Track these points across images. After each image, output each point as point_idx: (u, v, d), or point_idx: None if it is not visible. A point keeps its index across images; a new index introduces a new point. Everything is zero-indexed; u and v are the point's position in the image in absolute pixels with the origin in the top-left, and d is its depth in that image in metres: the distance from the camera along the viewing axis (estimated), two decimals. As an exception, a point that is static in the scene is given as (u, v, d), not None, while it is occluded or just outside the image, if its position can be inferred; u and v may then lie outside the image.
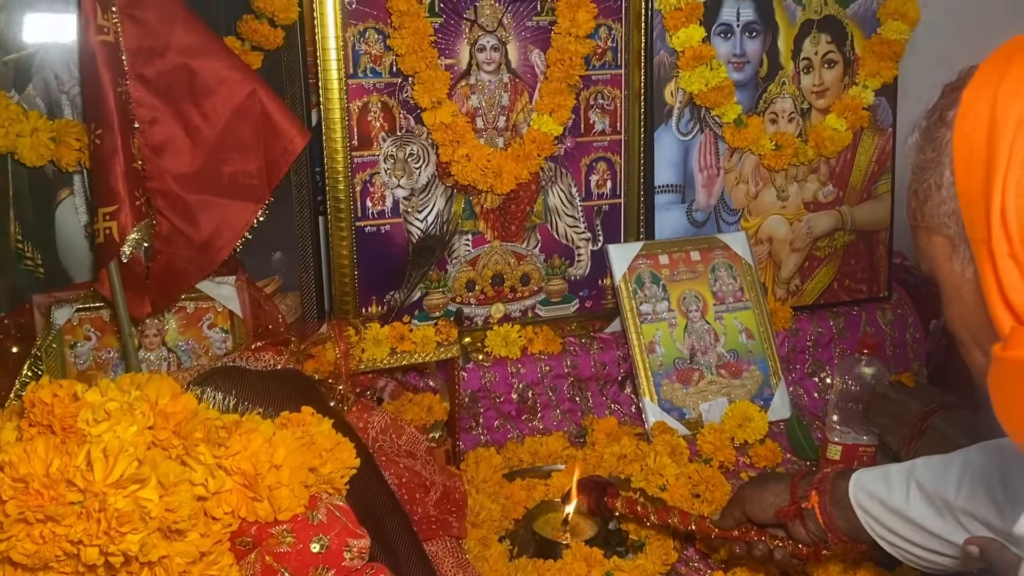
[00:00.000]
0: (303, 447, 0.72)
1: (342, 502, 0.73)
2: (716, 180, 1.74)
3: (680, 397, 1.64)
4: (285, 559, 0.68)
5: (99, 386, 0.68)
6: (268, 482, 0.68)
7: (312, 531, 0.69)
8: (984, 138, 0.62)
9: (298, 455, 0.71)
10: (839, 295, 1.87)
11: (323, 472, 0.73)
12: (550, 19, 1.56)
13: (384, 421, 1.11)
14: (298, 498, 0.70)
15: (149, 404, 0.67)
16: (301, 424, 0.76)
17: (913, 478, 0.99)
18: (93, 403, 0.64)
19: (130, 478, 0.60)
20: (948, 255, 0.69)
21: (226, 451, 0.68)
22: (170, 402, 0.68)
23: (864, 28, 1.77)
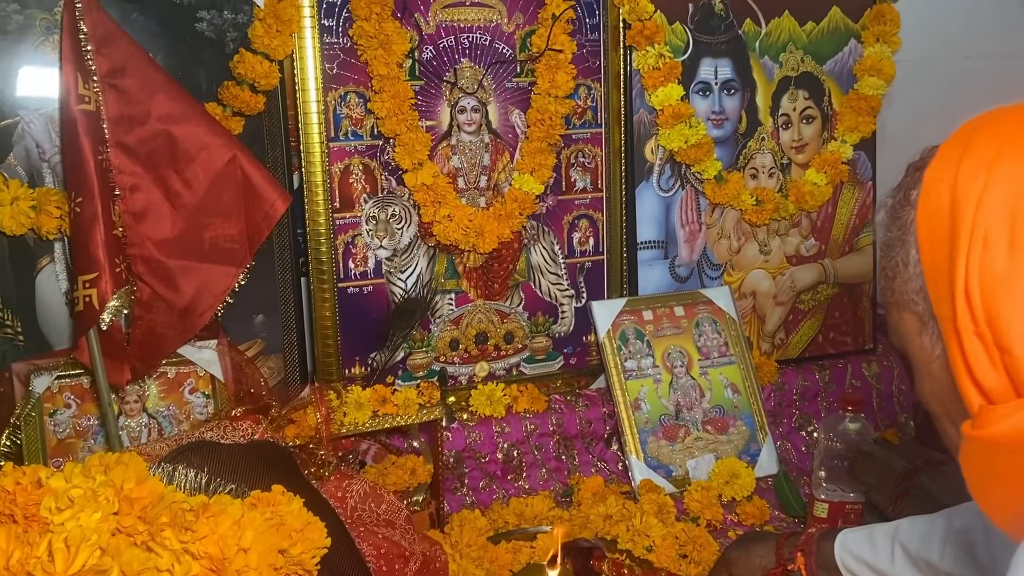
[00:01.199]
0: (272, 528, 0.71)
1: None
2: (698, 235, 1.75)
3: (666, 454, 1.63)
4: None
5: (64, 472, 0.67)
6: (236, 566, 0.67)
7: None
8: (946, 218, 0.63)
9: (267, 537, 0.70)
10: (824, 348, 1.87)
11: (293, 553, 0.72)
12: (530, 80, 1.58)
13: (364, 489, 1.09)
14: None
15: (114, 490, 0.66)
16: (271, 504, 0.75)
17: (898, 540, 0.99)
18: (56, 490, 0.63)
19: (92, 569, 0.59)
20: (918, 331, 0.69)
21: (193, 535, 0.67)
22: (135, 487, 0.67)
23: (841, 84, 1.80)
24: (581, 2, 1.60)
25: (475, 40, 1.55)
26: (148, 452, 1.05)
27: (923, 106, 1.94)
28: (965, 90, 1.99)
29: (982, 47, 1.97)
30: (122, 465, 0.69)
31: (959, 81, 1.98)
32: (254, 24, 1.40)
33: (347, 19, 1.46)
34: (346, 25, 1.46)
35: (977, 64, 1.99)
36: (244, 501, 0.75)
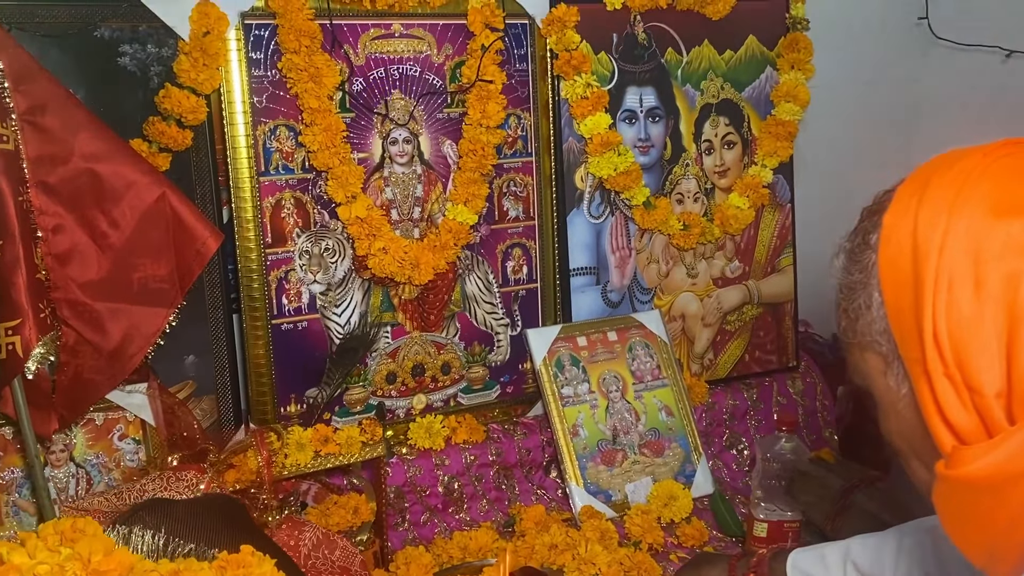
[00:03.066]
0: None
1: None
2: (628, 261, 1.77)
3: (605, 479, 1.64)
4: None
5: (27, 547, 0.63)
6: None
7: None
8: (909, 262, 0.65)
9: None
10: (751, 367, 1.92)
11: None
12: (461, 111, 1.58)
13: (316, 537, 1.07)
14: None
15: (81, 563, 0.63)
16: (242, 566, 0.73)
17: (849, 559, 1.01)
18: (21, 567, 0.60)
19: None
20: (882, 371, 0.71)
21: None
22: (103, 559, 0.64)
23: (759, 110, 1.85)
24: (509, 33, 1.61)
25: (405, 72, 1.54)
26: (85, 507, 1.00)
27: (835, 130, 2.02)
28: (871, 114, 2.09)
29: (886, 73, 2.06)
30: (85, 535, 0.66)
31: (865, 106, 2.07)
32: (179, 58, 1.36)
33: (275, 52, 1.43)
34: (274, 58, 1.44)
35: (882, 89, 2.08)
36: (213, 564, 0.72)
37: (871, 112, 2.04)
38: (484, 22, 1.56)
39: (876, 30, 1.99)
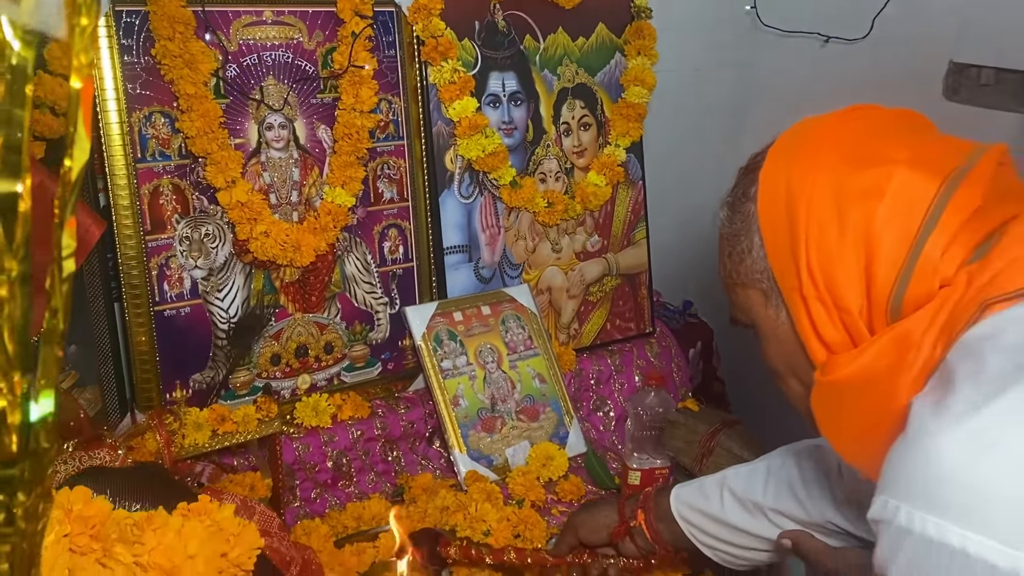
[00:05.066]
0: (212, 535, 0.73)
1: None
2: (498, 238, 1.87)
3: (487, 445, 1.74)
4: None
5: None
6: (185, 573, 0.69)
7: None
8: (784, 209, 0.77)
9: (210, 544, 0.71)
10: (612, 334, 2.06)
11: (233, 556, 0.74)
12: (334, 96, 1.62)
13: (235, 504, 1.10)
14: None
15: (64, 511, 0.65)
16: (204, 512, 0.76)
17: (726, 487, 1.15)
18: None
19: None
20: (763, 304, 0.84)
21: (142, 548, 0.68)
22: (84, 507, 0.67)
23: (611, 93, 1.98)
24: (377, 20, 1.66)
25: (278, 58, 1.57)
26: None
27: (678, 112, 2.18)
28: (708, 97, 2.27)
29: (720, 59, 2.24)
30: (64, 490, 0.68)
31: (703, 89, 2.25)
32: (50, 45, 1.34)
33: (148, 39, 1.43)
34: (147, 45, 1.43)
35: (717, 74, 2.26)
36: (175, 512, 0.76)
37: (708, 95, 2.21)
38: (353, 9, 1.61)
39: (711, 19, 2.16)
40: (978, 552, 0.58)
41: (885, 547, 0.64)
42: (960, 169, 0.74)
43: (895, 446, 0.65)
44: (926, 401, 0.66)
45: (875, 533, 0.65)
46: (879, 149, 0.76)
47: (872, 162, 0.75)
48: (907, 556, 0.62)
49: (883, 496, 0.65)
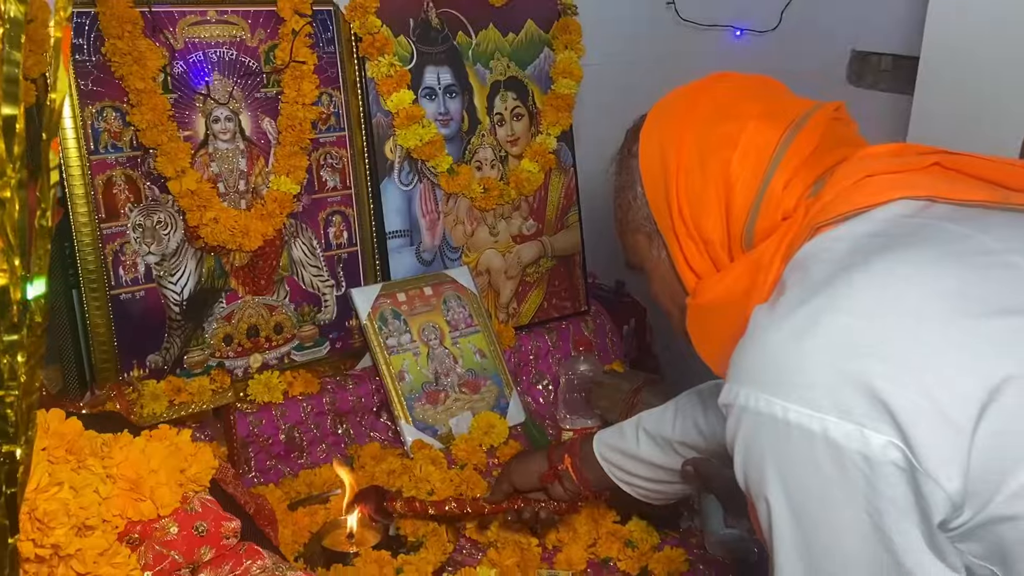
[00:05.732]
0: (172, 453, 0.83)
1: (209, 496, 0.85)
2: (437, 223, 1.98)
3: (432, 416, 1.85)
4: (173, 545, 0.79)
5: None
6: (150, 484, 0.78)
7: (192, 519, 0.81)
8: (659, 161, 0.91)
9: (170, 460, 0.81)
10: (549, 313, 2.18)
11: (191, 473, 0.84)
12: (277, 90, 1.73)
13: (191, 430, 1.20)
14: (175, 495, 0.81)
15: (42, 429, 0.75)
16: (165, 437, 0.86)
17: (640, 427, 1.27)
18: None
19: (49, 483, 0.69)
20: (648, 246, 0.97)
21: (111, 461, 0.78)
22: (60, 424, 0.76)
23: (541, 85, 2.11)
24: (316, 18, 1.77)
25: (223, 55, 1.67)
26: None
27: (605, 102, 2.31)
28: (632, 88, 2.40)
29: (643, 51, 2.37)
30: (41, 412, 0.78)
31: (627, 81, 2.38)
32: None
33: (98, 38, 1.53)
34: (97, 44, 1.53)
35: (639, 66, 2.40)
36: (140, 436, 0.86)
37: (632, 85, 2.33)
38: (293, 8, 1.71)
39: (633, 15, 2.30)
40: (796, 419, 0.71)
41: (730, 426, 0.77)
42: (799, 120, 0.88)
43: (738, 344, 0.78)
44: (763, 306, 0.78)
45: (725, 417, 0.78)
46: (734, 107, 0.90)
47: (728, 118, 0.88)
48: (745, 430, 0.75)
49: (727, 384, 0.77)
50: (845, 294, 0.73)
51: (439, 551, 1.45)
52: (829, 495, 0.71)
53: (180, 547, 0.79)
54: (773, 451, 0.73)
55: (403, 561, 1.41)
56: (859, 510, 0.70)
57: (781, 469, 0.73)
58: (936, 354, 0.69)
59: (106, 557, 0.71)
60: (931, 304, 0.71)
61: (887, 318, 0.71)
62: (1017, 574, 0.70)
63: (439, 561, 1.44)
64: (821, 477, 0.71)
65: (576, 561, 1.44)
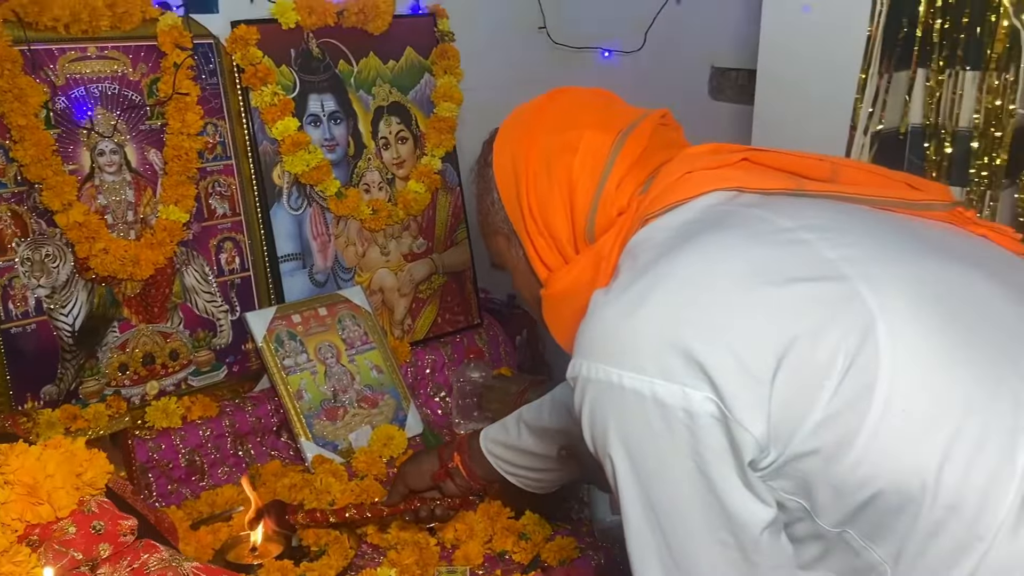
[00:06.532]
0: (67, 459, 0.87)
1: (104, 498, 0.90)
2: (329, 245, 2.05)
3: (331, 432, 1.90)
4: (72, 544, 0.83)
5: None
6: (47, 488, 0.83)
7: (89, 519, 0.85)
8: (511, 169, 1.01)
9: (66, 465, 0.86)
10: (443, 327, 2.26)
11: (86, 477, 0.89)
12: (162, 122, 1.78)
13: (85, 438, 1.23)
14: (72, 498, 0.85)
15: None
16: (60, 445, 0.91)
17: (521, 419, 1.37)
18: None
19: None
20: (507, 247, 1.07)
21: (8, 468, 0.82)
22: None
23: (423, 109, 2.20)
24: (198, 51, 1.82)
25: (105, 89, 1.71)
26: None
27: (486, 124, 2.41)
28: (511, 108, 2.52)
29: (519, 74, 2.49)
30: None
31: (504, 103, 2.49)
32: None
33: (-23, 76, 1.55)
34: (-24, 81, 1.55)
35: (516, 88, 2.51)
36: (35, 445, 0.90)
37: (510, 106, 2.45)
38: (173, 42, 1.77)
39: (509, 40, 2.42)
40: (629, 384, 0.81)
41: (576, 397, 0.87)
42: (628, 128, 0.99)
43: (581, 323, 0.88)
44: (600, 290, 0.89)
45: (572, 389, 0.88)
46: (573, 118, 1.01)
47: (568, 127, 1.00)
48: (588, 397, 0.85)
49: (572, 359, 0.87)
50: (666, 272, 0.84)
51: (341, 557, 1.50)
52: (661, 448, 0.81)
53: (79, 545, 0.84)
54: (612, 414, 0.83)
55: (306, 568, 1.46)
56: (686, 459, 0.80)
57: (620, 429, 0.83)
58: (740, 318, 0.80)
59: (7, 556, 0.75)
60: (736, 276, 0.82)
61: (700, 290, 0.82)
62: (818, 502, 0.82)
63: (341, 566, 1.49)
64: (653, 433, 0.81)
65: (473, 556, 1.51)
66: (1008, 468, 0.76)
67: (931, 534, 0.78)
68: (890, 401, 0.77)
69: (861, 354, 0.78)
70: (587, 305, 0.90)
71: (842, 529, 0.82)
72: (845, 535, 0.83)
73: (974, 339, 0.81)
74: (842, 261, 0.83)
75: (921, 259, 0.87)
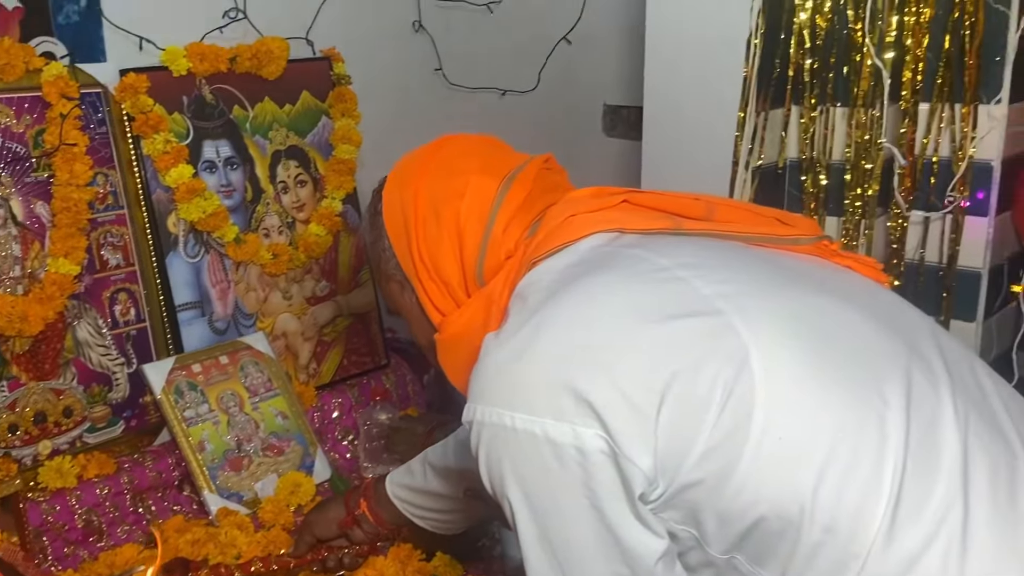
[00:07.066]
0: None
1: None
2: (228, 292, 2.02)
3: (236, 483, 1.86)
4: None
5: None
6: None
7: None
8: (400, 216, 1.03)
9: None
10: (350, 370, 2.24)
11: None
12: (48, 174, 1.73)
13: None
14: None
15: None
16: None
17: (426, 461, 1.37)
18: None
19: None
20: (400, 292, 1.09)
21: None
22: None
23: (322, 152, 2.20)
24: (85, 101, 1.79)
25: (-13, 142, 1.66)
26: None
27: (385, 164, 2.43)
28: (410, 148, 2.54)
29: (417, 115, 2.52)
30: None
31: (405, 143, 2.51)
32: None
33: None
34: None
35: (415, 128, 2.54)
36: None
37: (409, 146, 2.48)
38: (59, 92, 1.73)
39: (405, 81, 2.45)
40: (522, 426, 0.83)
41: (472, 440, 0.89)
42: (513, 172, 1.03)
43: (474, 367, 0.90)
44: (491, 333, 0.91)
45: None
46: (460, 164, 1.04)
47: (455, 173, 1.02)
48: (484, 442, 0.87)
49: (467, 404, 0.89)
50: (553, 315, 0.87)
51: (248, 611, 1.48)
52: (555, 486, 0.83)
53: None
54: (507, 456, 0.85)
55: (211, 625, 1.43)
56: (580, 496, 0.83)
57: (515, 470, 0.85)
58: (624, 356, 0.83)
59: None
60: (619, 315, 0.86)
61: (585, 330, 0.85)
62: (706, 531, 0.85)
63: (248, 620, 1.47)
64: (547, 472, 0.83)
65: (385, 601, 1.51)
66: (876, 487, 0.80)
67: (811, 555, 0.82)
68: (766, 430, 0.81)
69: (738, 385, 0.82)
70: (480, 348, 0.92)
71: (731, 555, 0.86)
72: (734, 560, 0.86)
73: (841, 365, 0.86)
74: (717, 297, 0.87)
75: (791, 291, 0.92)
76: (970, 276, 1.75)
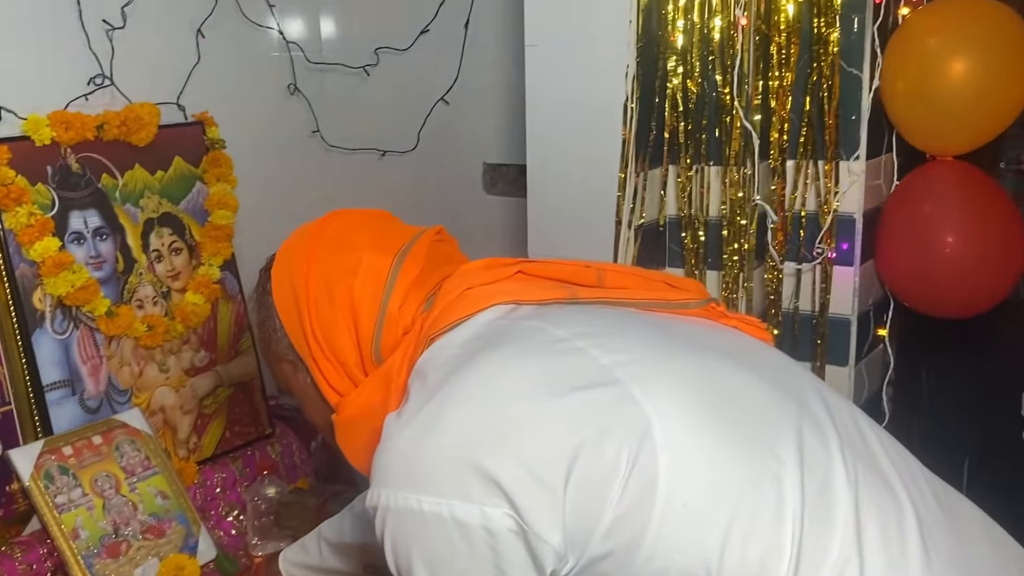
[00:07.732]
0: None
1: None
2: (101, 368, 1.92)
3: (114, 570, 1.76)
4: None
5: None
6: None
7: None
8: (291, 295, 1.01)
9: None
10: (233, 441, 2.16)
11: None
12: (-102, 252, 1.62)
13: None
14: None
15: None
16: None
17: (321, 538, 1.34)
18: None
19: None
20: (293, 373, 1.06)
21: None
22: None
23: (197, 218, 2.14)
24: (-61, 174, 1.69)
25: None
26: None
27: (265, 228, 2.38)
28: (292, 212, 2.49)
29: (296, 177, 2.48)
30: None
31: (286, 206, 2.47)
32: None
33: None
34: None
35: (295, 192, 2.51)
36: None
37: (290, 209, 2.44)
38: (-90, 166, 1.63)
39: (282, 143, 2.42)
40: (428, 508, 0.82)
41: (377, 525, 0.87)
42: (405, 247, 1.02)
43: (376, 450, 0.88)
44: (392, 414, 0.90)
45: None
46: (351, 240, 1.03)
47: (346, 250, 1.01)
48: (390, 527, 0.85)
49: (371, 488, 0.87)
50: (454, 392, 0.87)
51: None
52: (465, 568, 0.82)
53: None
54: (415, 539, 0.84)
55: None
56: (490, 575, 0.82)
57: (423, 553, 0.84)
58: (528, 431, 0.84)
59: None
60: (520, 390, 0.86)
61: (487, 407, 0.85)
62: None
63: None
64: (456, 553, 0.82)
65: None
66: (777, 547, 0.83)
67: None
68: (671, 497, 0.82)
69: (641, 454, 0.83)
70: (380, 428, 0.90)
71: None
72: None
73: (738, 427, 0.89)
74: (615, 366, 0.88)
75: (686, 357, 0.94)
76: (841, 323, 1.85)
